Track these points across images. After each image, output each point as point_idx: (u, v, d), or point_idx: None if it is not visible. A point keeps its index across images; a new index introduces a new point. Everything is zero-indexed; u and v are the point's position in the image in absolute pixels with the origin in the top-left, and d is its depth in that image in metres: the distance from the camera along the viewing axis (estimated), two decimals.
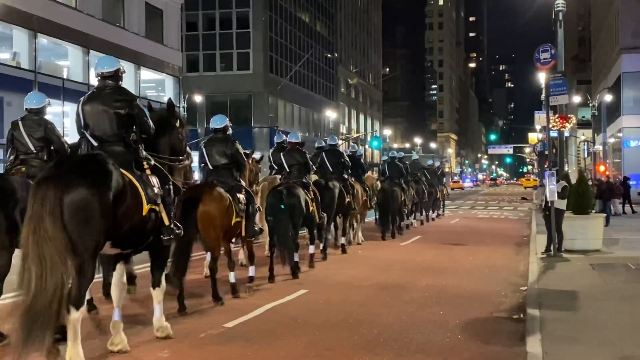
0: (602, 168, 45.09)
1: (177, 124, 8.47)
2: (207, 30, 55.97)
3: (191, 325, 8.42)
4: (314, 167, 14.30)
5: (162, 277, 7.68)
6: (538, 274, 12.73)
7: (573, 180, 17.90)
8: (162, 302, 7.69)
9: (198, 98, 47.62)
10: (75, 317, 6.13)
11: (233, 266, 10.31)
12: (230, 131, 10.64)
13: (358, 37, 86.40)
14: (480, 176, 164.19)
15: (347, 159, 16.44)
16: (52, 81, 30.98)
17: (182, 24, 45.82)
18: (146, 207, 6.87)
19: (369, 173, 21.79)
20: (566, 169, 32.45)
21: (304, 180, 13.05)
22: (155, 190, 7.12)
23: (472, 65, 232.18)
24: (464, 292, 11.17)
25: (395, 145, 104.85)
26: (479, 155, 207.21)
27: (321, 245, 14.44)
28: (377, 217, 20.22)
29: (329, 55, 71.40)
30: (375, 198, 19.47)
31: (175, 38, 42.25)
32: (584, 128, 64.01)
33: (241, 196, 10.12)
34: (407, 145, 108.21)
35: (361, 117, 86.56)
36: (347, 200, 15.73)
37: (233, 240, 10.54)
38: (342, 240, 16.43)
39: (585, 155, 62.13)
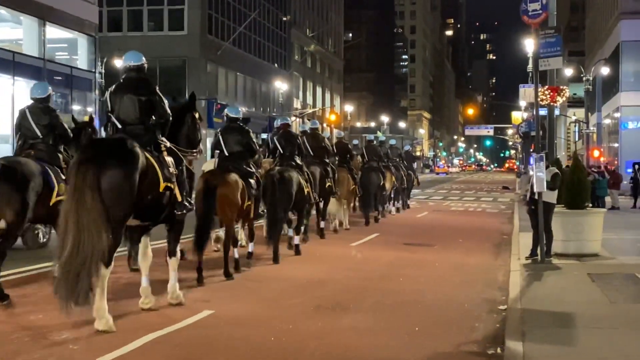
0: (596, 153, 44.38)
1: (197, 117, 10.72)
2: None
3: None
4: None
5: (177, 248, 9.99)
6: (521, 287, 11.60)
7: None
8: (176, 270, 9.86)
9: (120, 63, 45.30)
10: (105, 273, 8.24)
11: (236, 243, 12.86)
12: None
13: None
14: (456, 161, 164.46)
15: (328, 143, 18.78)
16: None
17: None
18: (162, 185, 8.98)
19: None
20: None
21: (297, 162, 15.21)
22: (171, 170, 9.23)
23: (449, 33, 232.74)
24: (424, 313, 9.92)
25: (358, 124, 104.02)
26: (455, 137, 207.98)
27: (302, 229, 15.95)
28: (357, 202, 22.80)
29: (282, 17, 69.75)
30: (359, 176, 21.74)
31: None
32: (576, 107, 63.27)
33: (252, 181, 12.74)
34: (373, 124, 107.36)
35: (318, 89, 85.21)
36: (328, 184, 17.80)
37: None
38: (322, 224, 18.57)
39: (577, 139, 61.64)
